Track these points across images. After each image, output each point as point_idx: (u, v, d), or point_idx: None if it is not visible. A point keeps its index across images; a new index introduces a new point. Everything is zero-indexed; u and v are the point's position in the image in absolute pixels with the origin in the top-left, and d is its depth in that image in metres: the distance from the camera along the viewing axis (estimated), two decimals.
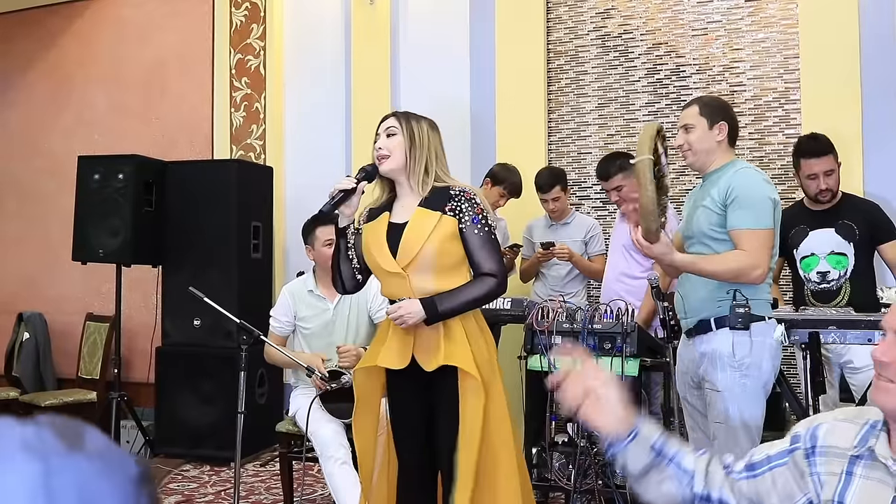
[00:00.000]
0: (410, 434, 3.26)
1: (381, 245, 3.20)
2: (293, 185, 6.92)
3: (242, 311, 5.45)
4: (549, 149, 6.24)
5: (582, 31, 6.22)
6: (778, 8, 5.74)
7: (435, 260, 3.14)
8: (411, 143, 3.23)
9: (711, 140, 3.55)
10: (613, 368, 4.02)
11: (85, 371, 6.91)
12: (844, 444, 1.78)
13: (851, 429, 1.79)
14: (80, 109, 7.67)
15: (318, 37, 6.89)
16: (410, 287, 3.14)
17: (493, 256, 3.18)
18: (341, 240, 3.30)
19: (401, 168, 3.24)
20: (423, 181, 3.21)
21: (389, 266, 3.17)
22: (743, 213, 3.36)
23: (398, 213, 3.27)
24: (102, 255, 5.95)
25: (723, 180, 3.47)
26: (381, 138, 3.26)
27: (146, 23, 7.43)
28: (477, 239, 3.16)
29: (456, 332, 3.14)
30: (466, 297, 3.15)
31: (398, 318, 3.11)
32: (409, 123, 3.26)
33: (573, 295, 5.34)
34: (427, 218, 3.16)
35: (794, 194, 5.56)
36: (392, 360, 3.20)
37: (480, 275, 3.17)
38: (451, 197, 3.18)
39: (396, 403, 3.28)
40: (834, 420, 1.83)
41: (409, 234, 3.16)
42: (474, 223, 3.16)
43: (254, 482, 5.57)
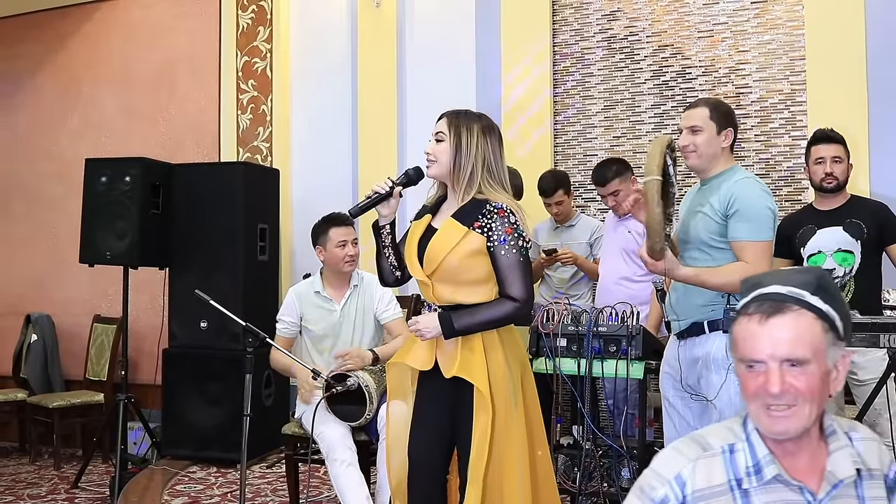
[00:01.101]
0: (423, 435, 3.23)
1: (412, 250, 3.21)
2: (300, 187, 6.93)
3: (249, 313, 5.49)
4: (554, 151, 6.25)
5: (588, 34, 6.22)
6: (784, 10, 5.74)
7: (457, 273, 3.10)
8: (457, 151, 3.13)
9: (718, 145, 3.55)
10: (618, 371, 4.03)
11: (92, 373, 6.94)
12: (718, 479, 1.83)
13: (713, 463, 1.85)
14: (87, 112, 7.69)
15: (325, 39, 6.91)
16: (433, 294, 3.16)
17: (519, 280, 3.09)
18: (377, 238, 3.27)
19: (445, 174, 3.18)
20: (466, 191, 3.14)
21: (416, 272, 3.19)
22: (745, 225, 3.38)
23: (440, 216, 3.23)
24: (109, 258, 5.97)
25: (723, 188, 3.47)
26: (431, 142, 3.21)
27: (154, 26, 7.45)
28: (504, 260, 3.08)
29: (475, 343, 3.11)
30: (484, 317, 3.10)
31: (416, 332, 3.12)
32: (458, 128, 3.16)
33: (578, 297, 5.35)
34: (454, 231, 3.11)
35: (801, 196, 5.56)
36: (419, 359, 3.21)
37: (504, 296, 3.11)
38: (485, 213, 3.09)
39: (418, 402, 3.27)
40: (688, 462, 1.86)
41: (434, 244, 3.13)
42: (502, 244, 3.07)
43: (260, 484, 5.58)
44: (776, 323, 1.79)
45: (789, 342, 1.78)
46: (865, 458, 1.87)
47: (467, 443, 3.08)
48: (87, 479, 5.88)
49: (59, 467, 6.30)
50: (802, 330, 1.79)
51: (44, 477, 6.10)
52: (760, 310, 1.82)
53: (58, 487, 5.80)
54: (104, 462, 6.29)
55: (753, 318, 1.82)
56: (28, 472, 6.24)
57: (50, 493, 5.65)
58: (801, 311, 1.80)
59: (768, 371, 1.78)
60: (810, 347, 1.78)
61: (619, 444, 4.10)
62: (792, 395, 1.76)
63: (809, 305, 1.81)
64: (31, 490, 5.73)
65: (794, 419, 1.77)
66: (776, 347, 1.78)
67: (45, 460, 6.56)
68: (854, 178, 4.74)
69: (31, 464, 6.50)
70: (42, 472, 6.24)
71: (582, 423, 4.18)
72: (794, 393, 1.76)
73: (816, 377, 1.78)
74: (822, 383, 1.80)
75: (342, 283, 4.57)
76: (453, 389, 3.14)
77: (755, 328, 1.81)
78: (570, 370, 4.13)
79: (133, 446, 6.42)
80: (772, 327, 1.79)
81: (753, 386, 1.80)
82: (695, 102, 3.72)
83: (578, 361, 4.10)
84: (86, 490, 5.71)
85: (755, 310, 1.83)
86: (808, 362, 1.77)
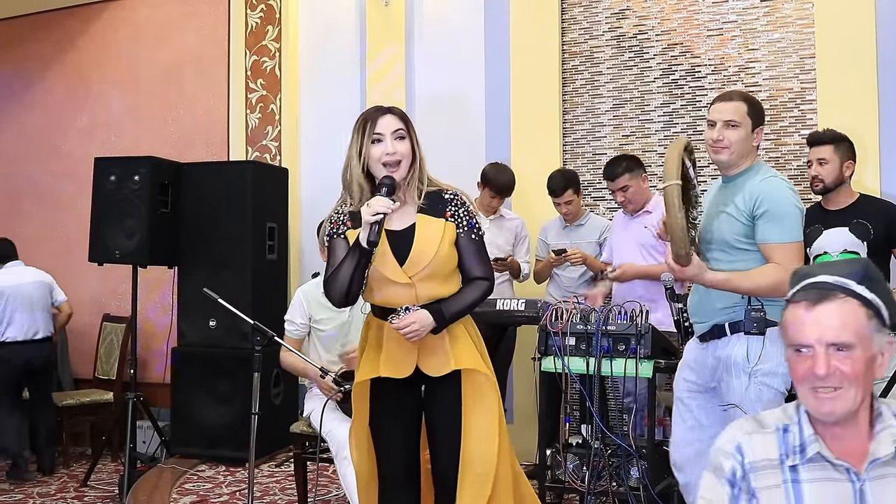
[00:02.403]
0: (399, 444, 3.15)
1: (384, 255, 3.03)
2: (308, 186, 6.93)
3: (257, 312, 5.49)
4: (563, 150, 6.23)
5: (597, 32, 6.21)
6: (794, 8, 5.71)
7: (442, 268, 3.06)
8: (417, 147, 3.11)
9: (750, 143, 3.45)
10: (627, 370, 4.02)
11: (102, 371, 6.96)
12: (771, 454, 1.97)
13: (767, 439, 1.98)
14: (96, 111, 7.71)
15: (333, 38, 6.91)
16: (416, 295, 3.04)
17: (486, 261, 3.14)
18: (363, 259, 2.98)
19: (407, 175, 3.09)
20: (420, 185, 3.10)
21: (396, 276, 3.03)
22: (775, 227, 3.30)
23: (395, 218, 3.06)
24: (119, 257, 5.98)
25: (748, 187, 3.38)
26: (389, 141, 3.04)
27: (162, 25, 7.46)
28: (473, 244, 3.09)
29: (459, 334, 3.11)
30: (468, 300, 3.10)
31: (412, 333, 2.98)
32: (408, 122, 3.12)
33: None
34: (433, 225, 3.06)
35: (811, 195, 5.53)
36: (396, 369, 3.09)
37: (473, 279, 3.10)
38: (447, 201, 3.09)
39: (385, 413, 3.15)
40: (744, 434, 2.00)
41: (419, 244, 3.04)
42: (471, 227, 3.09)
43: (269, 482, 5.59)
44: (822, 309, 1.90)
45: (835, 327, 1.88)
46: None
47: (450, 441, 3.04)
48: (96, 478, 5.90)
49: (68, 466, 6.32)
50: (847, 316, 1.89)
51: (53, 475, 6.11)
52: (807, 297, 1.93)
53: (67, 486, 5.82)
54: (113, 460, 6.31)
55: (801, 305, 1.93)
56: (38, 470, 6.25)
57: (59, 492, 5.67)
58: (847, 298, 1.91)
59: (815, 355, 1.88)
60: (855, 333, 1.88)
61: (628, 443, 4.09)
62: (838, 377, 1.87)
63: (854, 293, 1.92)
64: (41, 488, 5.75)
65: (840, 401, 1.88)
66: (823, 332, 1.88)
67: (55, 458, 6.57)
68: (864, 177, 4.72)
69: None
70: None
71: (591, 423, 4.17)
72: (839, 376, 1.87)
73: (861, 361, 1.88)
74: (868, 367, 1.90)
75: None
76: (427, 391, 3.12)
77: (802, 314, 1.92)
78: (578, 369, 4.12)
79: (142, 445, 6.43)
80: (818, 313, 1.90)
81: (802, 369, 1.91)
82: (728, 95, 3.56)
83: (587, 360, 4.09)
84: (95, 488, 5.73)
85: (802, 297, 1.94)
86: (854, 347, 1.88)
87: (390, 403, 3.15)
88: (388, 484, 3.16)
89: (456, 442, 3.04)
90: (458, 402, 3.06)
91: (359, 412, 3.19)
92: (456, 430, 3.04)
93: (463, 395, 3.06)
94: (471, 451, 3.03)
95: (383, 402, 3.15)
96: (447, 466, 3.06)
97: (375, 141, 3.05)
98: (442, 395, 3.09)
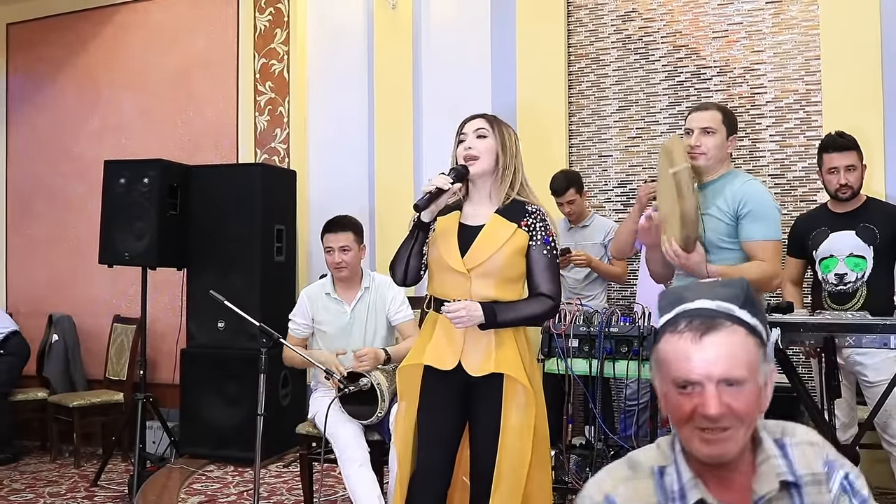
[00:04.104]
0: (439, 439, 3.21)
1: (450, 243, 3.18)
2: (316, 188, 6.98)
3: (266, 313, 5.55)
4: (569, 151, 6.26)
5: (603, 34, 6.23)
6: (799, 10, 5.72)
7: (501, 270, 3.13)
8: (503, 148, 3.23)
9: (725, 150, 3.65)
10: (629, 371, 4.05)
11: (112, 372, 7.00)
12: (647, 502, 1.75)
13: (641, 486, 1.76)
14: (107, 114, 7.77)
15: (341, 41, 6.95)
16: (470, 289, 3.14)
17: (554, 279, 3.17)
18: (420, 233, 3.20)
19: (488, 172, 3.23)
20: (505, 189, 3.21)
21: (455, 264, 3.15)
22: (759, 226, 3.44)
23: (470, 215, 3.25)
24: (128, 259, 6.02)
25: (728, 190, 3.51)
26: (470, 138, 3.22)
27: (172, 28, 7.52)
28: (544, 260, 3.15)
29: (507, 340, 3.14)
30: (524, 312, 3.15)
31: (459, 318, 3.06)
32: (499, 128, 3.25)
33: (592, 297, 5.36)
34: (503, 227, 3.16)
35: (816, 197, 5.55)
36: (440, 359, 3.17)
37: (539, 294, 3.15)
38: (529, 213, 3.18)
39: (431, 405, 3.22)
40: (615, 482, 1.77)
41: (483, 238, 3.15)
42: (545, 243, 3.16)
43: (276, 483, 5.63)
44: (711, 341, 1.68)
45: (726, 361, 1.67)
46: (799, 464, 1.76)
47: (488, 444, 3.09)
48: (106, 478, 5.94)
49: (79, 465, 6.37)
50: (738, 347, 1.69)
51: (64, 475, 6.17)
52: (692, 327, 1.70)
53: (78, 485, 5.87)
54: (123, 460, 6.36)
55: (685, 337, 1.70)
56: (49, 471, 6.31)
57: (70, 491, 5.72)
58: (734, 326, 1.71)
59: (704, 393, 1.67)
60: (746, 365, 1.69)
61: (630, 444, 4.12)
62: (729, 417, 1.66)
63: (740, 320, 1.72)
64: (52, 488, 5.80)
65: (730, 443, 1.68)
66: (712, 367, 1.67)
67: (66, 458, 6.62)
68: (869, 179, 4.72)
69: (52, 462, 6.56)
70: (62, 471, 6.30)
71: (594, 424, 4.20)
72: (731, 415, 1.66)
73: (752, 396, 1.70)
74: (756, 402, 1.71)
75: (352, 285, 4.59)
76: (471, 389, 3.15)
77: (688, 347, 1.69)
78: (581, 371, 4.15)
79: (152, 445, 6.48)
80: (706, 346, 1.68)
81: (686, 408, 1.68)
82: (703, 105, 3.79)
83: (590, 362, 4.13)
84: (105, 488, 5.77)
85: (686, 327, 1.71)
86: (745, 382, 1.68)
87: (437, 396, 3.21)
88: (422, 473, 3.21)
89: (493, 446, 3.08)
90: (499, 406, 3.09)
91: (405, 397, 3.29)
92: (494, 435, 3.09)
93: (504, 400, 3.09)
94: (502, 462, 3.07)
95: (430, 395, 3.22)
96: (483, 471, 3.11)
97: (460, 141, 3.26)
98: (483, 396, 3.13)
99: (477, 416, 3.18)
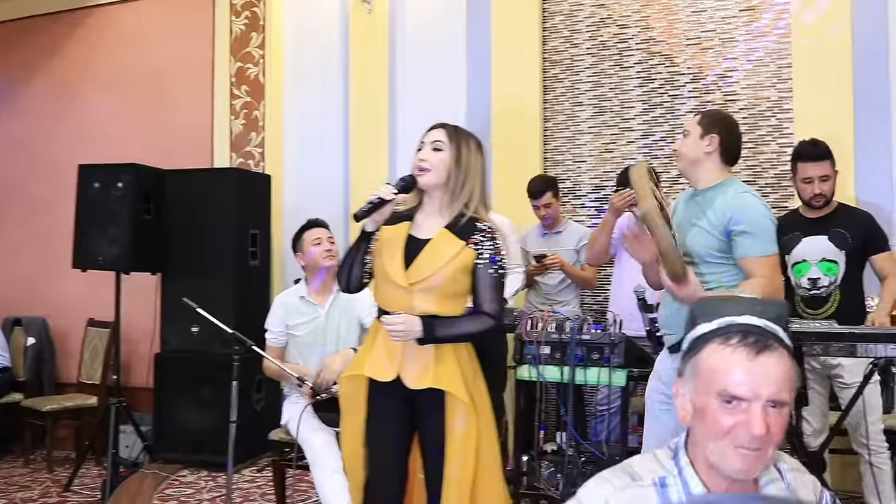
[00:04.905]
0: (390, 448, 3.20)
1: (395, 254, 3.15)
2: (292, 192, 6.97)
3: (240, 318, 5.56)
4: (544, 157, 6.28)
5: (578, 40, 6.26)
6: (771, 18, 5.77)
7: (443, 286, 3.11)
8: (457, 164, 3.16)
9: (700, 150, 3.53)
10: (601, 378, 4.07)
11: (86, 376, 6.97)
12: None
13: (643, 494, 1.74)
14: (81, 117, 7.72)
15: (317, 45, 6.95)
16: (411, 303, 3.11)
17: (497, 298, 3.16)
18: (363, 243, 3.20)
19: (439, 185, 3.17)
20: (458, 206, 3.16)
21: (398, 277, 3.12)
22: (754, 242, 3.36)
23: (420, 226, 3.21)
24: (101, 263, 6.01)
25: (719, 202, 3.43)
26: (426, 149, 3.19)
27: (148, 31, 7.49)
28: (489, 279, 3.13)
29: (447, 354, 3.13)
30: (463, 329, 3.14)
31: (395, 332, 3.04)
32: (458, 141, 3.19)
33: (566, 303, 5.39)
34: (450, 244, 3.12)
35: (788, 203, 5.59)
36: (379, 371, 3.16)
37: (480, 312, 3.15)
38: (478, 230, 3.13)
39: (377, 414, 3.21)
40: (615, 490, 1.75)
41: (427, 254, 3.12)
42: (492, 262, 3.13)
43: (250, 488, 5.63)
44: (766, 360, 1.67)
45: (777, 384, 1.67)
46: (796, 489, 1.82)
47: (436, 454, 3.10)
48: (79, 483, 5.92)
49: (51, 470, 6.33)
50: (785, 371, 1.69)
51: (36, 480, 6.14)
52: (746, 343, 1.69)
53: (50, 490, 5.84)
54: (97, 465, 6.33)
55: (739, 351, 1.69)
56: (21, 475, 6.27)
57: (42, 496, 5.69)
58: (781, 350, 1.70)
59: (750, 410, 1.66)
60: (790, 390, 1.70)
61: (601, 451, 4.14)
62: (768, 437, 1.66)
63: (785, 343, 1.73)
64: (24, 493, 5.77)
65: (760, 461, 1.69)
66: (764, 387, 1.66)
67: (39, 463, 6.59)
68: (839, 185, 4.76)
69: (25, 466, 6.52)
70: (35, 475, 6.27)
71: (565, 430, 4.22)
72: (770, 436, 1.66)
73: (786, 419, 1.71)
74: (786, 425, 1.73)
75: (326, 289, 4.60)
76: (414, 400, 3.14)
77: (743, 362, 1.68)
78: (553, 377, 4.17)
79: (125, 450, 6.46)
80: (761, 364, 1.67)
81: (728, 423, 1.68)
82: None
83: (562, 369, 4.14)
84: (78, 493, 5.74)
85: (740, 342, 1.70)
86: (786, 405, 1.69)
87: (383, 407, 3.19)
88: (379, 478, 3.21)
89: (441, 460, 3.09)
90: (442, 421, 3.09)
91: (349, 411, 3.26)
92: (441, 449, 3.09)
93: (446, 416, 3.09)
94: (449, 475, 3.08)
95: (376, 406, 3.20)
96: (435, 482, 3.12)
97: (418, 150, 3.23)
98: (426, 410, 3.13)
99: (422, 430, 3.18)
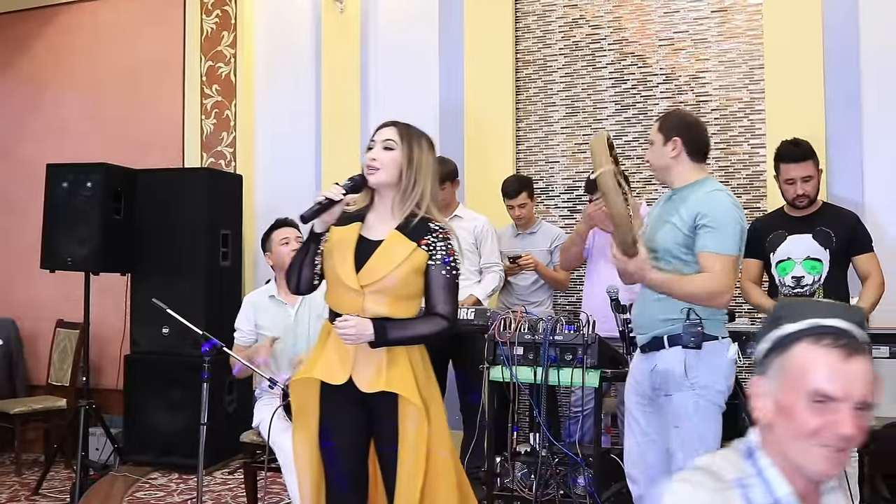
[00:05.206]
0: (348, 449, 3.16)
1: (346, 256, 3.10)
2: (263, 191, 6.94)
3: (211, 319, 5.52)
4: (517, 157, 6.27)
5: (550, 41, 6.26)
6: (744, 19, 5.79)
7: (395, 288, 3.08)
8: (408, 163, 3.13)
9: (665, 156, 3.54)
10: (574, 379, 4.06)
11: (55, 378, 6.89)
12: None
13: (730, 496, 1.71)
14: (51, 116, 7.65)
15: (289, 44, 6.92)
16: (362, 306, 3.08)
17: (450, 300, 3.12)
18: (312, 244, 3.14)
19: (390, 184, 3.14)
20: (410, 206, 3.12)
21: (349, 280, 3.07)
22: (711, 237, 3.34)
23: (371, 227, 3.17)
24: (71, 263, 5.95)
25: (692, 200, 3.43)
26: (377, 148, 3.15)
27: (118, 30, 7.42)
28: (442, 279, 3.10)
29: (399, 357, 3.09)
30: (416, 331, 3.11)
31: (347, 335, 3.01)
32: (409, 140, 3.15)
33: (539, 304, 5.38)
34: (401, 246, 3.08)
35: (760, 204, 5.62)
36: (331, 374, 3.11)
37: (433, 314, 3.12)
38: (430, 231, 3.10)
39: (331, 417, 3.16)
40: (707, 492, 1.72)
41: (379, 256, 3.08)
42: (444, 263, 3.09)
43: (221, 490, 5.59)
44: (858, 363, 1.68)
45: (867, 385, 1.68)
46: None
47: (392, 453, 3.07)
48: (48, 486, 5.85)
49: (20, 473, 6.25)
50: (873, 374, 1.70)
51: (4, 483, 6.06)
52: (839, 344, 1.68)
53: (18, 493, 5.77)
54: (66, 468, 6.26)
55: (833, 352, 1.68)
56: None
57: (11, 500, 5.62)
58: (868, 354, 1.71)
59: (840, 411, 1.66)
60: (875, 393, 1.70)
61: (574, 452, 4.14)
62: (854, 439, 1.66)
63: (870, 349, 1.73)
64: None
65: (841, 464, 1.70)
66: (857, 388, 1.67)
67: (7, 466, 6.50)
68: None
69: None
70: (3, 479, 6.18)
71: (538, 431, 4.21)
72: (856, 437, 1.66)
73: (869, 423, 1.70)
74: None
75: None
76: (368, 402, 3.10)
77: (837, 363, 1.67)
78: (526, 378, 4.16)
79: (95, 452, 6.39)
80: (854, 367, 1.67)
81: (816, 423, 1.67)
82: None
83: (535, 370, 4.13)
84: (47, 497, 5.68)
85: (833, 343, 1.69)
86: (872, 408, 1.69)
87: (337, 410, 3.15)
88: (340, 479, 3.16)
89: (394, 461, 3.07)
90: (395, 424, 3.06)
91: (301, 414, 3.20)
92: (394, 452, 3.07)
93: (399, 419, 3.06)
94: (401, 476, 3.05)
95: (330, 409, 3.15)
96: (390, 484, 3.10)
97: (369, 148, 3.19)
98: (380, 414, 3.10)
99: (377, 433, 3.15)
